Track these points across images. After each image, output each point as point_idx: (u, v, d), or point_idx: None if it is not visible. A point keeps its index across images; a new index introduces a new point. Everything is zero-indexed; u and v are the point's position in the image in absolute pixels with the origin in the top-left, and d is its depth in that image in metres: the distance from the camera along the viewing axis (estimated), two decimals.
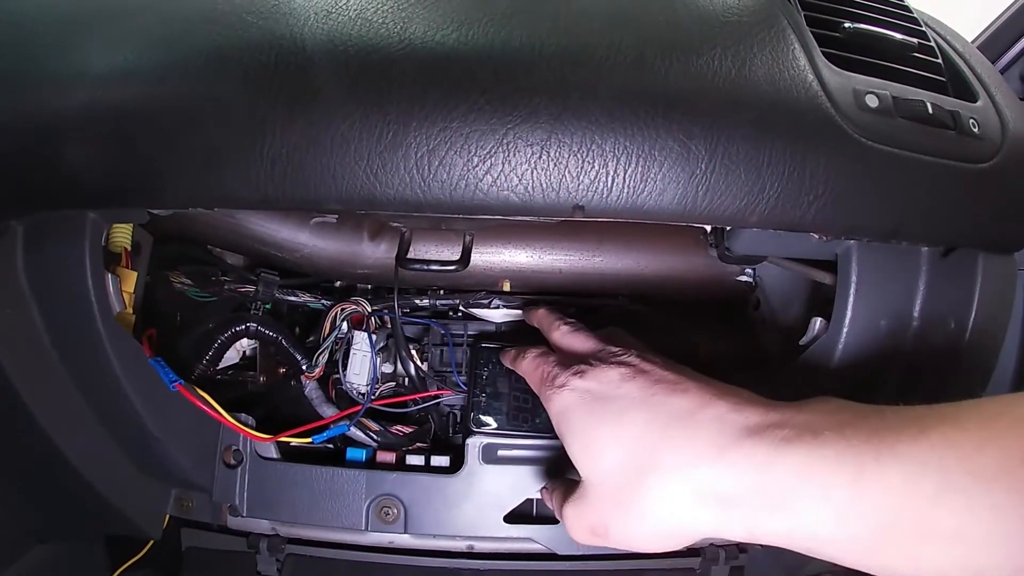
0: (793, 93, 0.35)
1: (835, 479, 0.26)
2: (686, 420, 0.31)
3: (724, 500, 0.29)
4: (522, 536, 0.46)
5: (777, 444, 0.28)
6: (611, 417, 0.33)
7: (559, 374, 0.36)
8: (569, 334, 0.41)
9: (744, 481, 0.28)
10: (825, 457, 0.26)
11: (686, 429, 0.31)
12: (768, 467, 0.28)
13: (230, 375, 0.52)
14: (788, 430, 0.28)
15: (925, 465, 0.24)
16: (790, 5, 0.41)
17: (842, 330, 0.41)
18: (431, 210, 0.33)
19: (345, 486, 0.46)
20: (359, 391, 0.49)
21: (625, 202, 0.33)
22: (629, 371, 0.35)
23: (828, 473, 0.26)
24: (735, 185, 0.34)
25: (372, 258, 0.50)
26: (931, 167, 0.37)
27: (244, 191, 0.33)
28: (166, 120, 0.34)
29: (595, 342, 0.39)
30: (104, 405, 0.45)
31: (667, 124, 0.33)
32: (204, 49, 0.34)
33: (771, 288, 0.52)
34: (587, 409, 0.34)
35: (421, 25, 0.34)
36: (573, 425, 0.34)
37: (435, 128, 0.32)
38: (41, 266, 0.41)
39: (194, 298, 0.51)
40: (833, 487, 0.26)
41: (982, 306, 0.41)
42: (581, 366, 0.36)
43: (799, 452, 0.27)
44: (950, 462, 0.24)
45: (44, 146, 0.35)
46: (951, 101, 0.40)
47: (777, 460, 0.27)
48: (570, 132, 0.32)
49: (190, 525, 0.51)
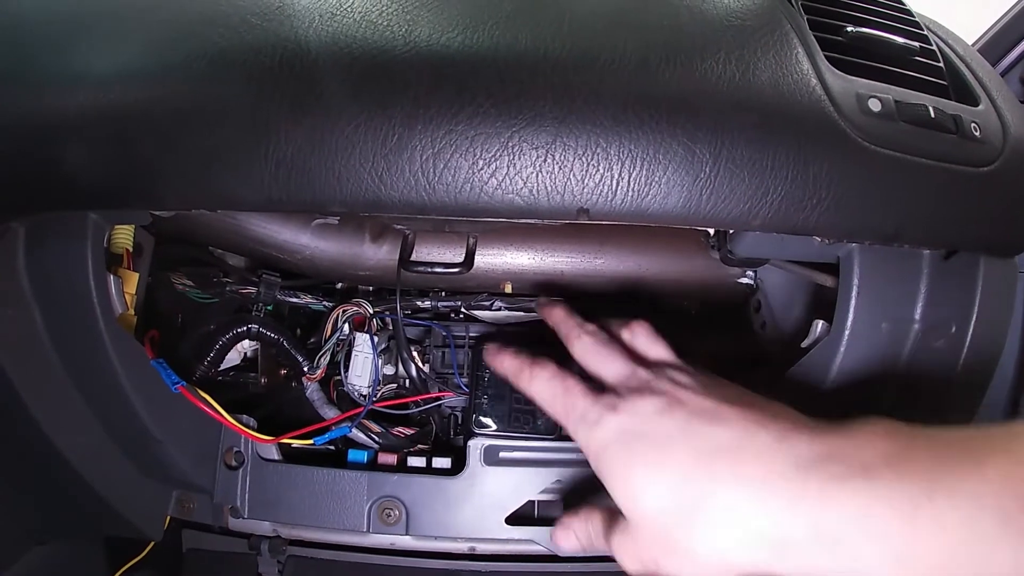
0: (796, 97, 0.35)
1: (892, 520, 0.25)
2: (731, 455, 0.30)
3: (777, 542, 0.28)
4: (524, 538, 0.46)
5: (829, 481, 0.27)
6: (651, 455, 0.31)
7: (588, 409, 0.34)
8: (592, 351, 0.38)
9: (797, 523, 0.27)
10: (880, 497, 0.26)
11: (732, 466, 0.29)
12: (822, 508, 0.27)
13: (231, 377, 0.52)
14: (839, 465, 0.27)
15: (982, 504, 0.23)
16: (793, 9, 0.41)
17: (844, 333, 0.41)
18: (436, 212, 0.33)
19: (346, 488, 0.46)
20: (361, 393, 0.49)
21: (629, 205, 0.33)
22: (663, 402, 0.33)
23: (884, 514, 0.25)
24: (739, 189, 0.34)
25: (374, 260, 0.50)
26: (933, 171, 0.37)
27: (248, 193, 0.33)
28: (169, 122, 0.34)
29: (621, 363, 0.36)
30: (105, 406, 0.45)
31: (671, 128, 0.33)
32: (207, 50, 0.34)
33: (773, 290, 0.52)
34: (625, 447, 0.32)
35: (426, 28, 0.34)
36: (612, 465, 0.32)
37: (440, 131, 0.32)
38: (42, 267, 0.41)
39: (195, 299, 0.51)
40: (890, 528, 0.25)
41: (983, 309, 0.41)
42: (611, 398, 0.34)
43: (853, 490, 0.26)
44: (1007, 501, 0.23)
45: (46, 147, 0.35)
46: (953, 105, 0.40)
47: (831, 499, 0.27)
48: (575, 136, 0.33)
49: (191, 526, 0.51)
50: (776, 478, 0.28)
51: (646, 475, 0.31)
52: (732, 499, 0.29)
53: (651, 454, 0.31)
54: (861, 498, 0.26)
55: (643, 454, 0.31)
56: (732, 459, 0.30)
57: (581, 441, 0.34)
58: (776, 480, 0.28)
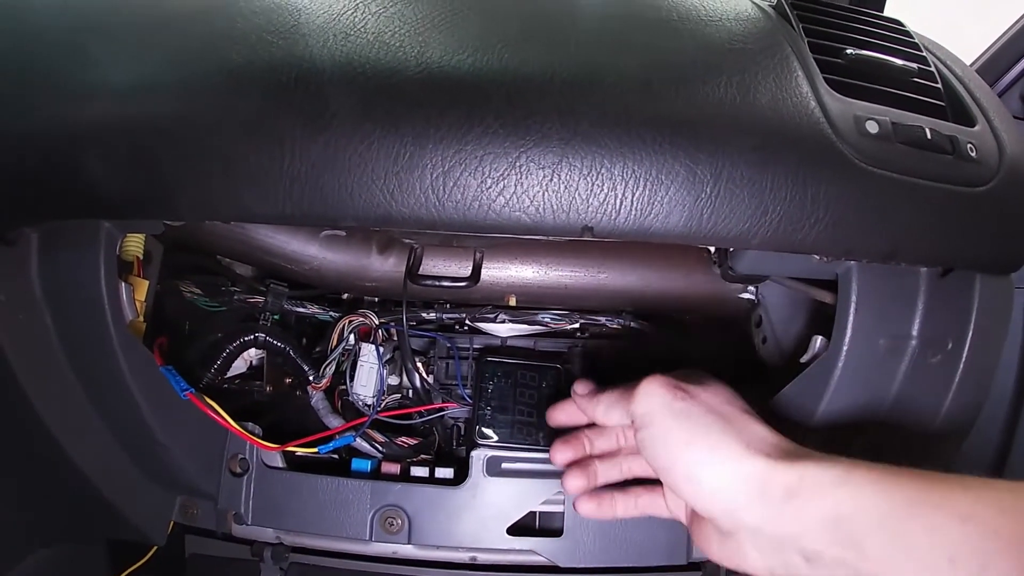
0: (796, 119, 0.36)
1: (878, 464, 0.29)
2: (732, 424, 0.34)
3: (784, 448, 0.32)
4: (525, 548, 0.47)
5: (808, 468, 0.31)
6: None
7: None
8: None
9: (775, 478, 0.31)
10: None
11: (767, 429, 0.35)
12: (800, 475, 0.31)
13: (237, 384, 0.53)
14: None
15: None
16: (794, 32, 0.42)
17: (842, 348, 0.41)
18: (445, 228, 0.34)
19: (350, 496, 0.46)
20: (365, 402, 0.50)
21: (633, 224, 0.34)
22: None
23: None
24: (739, 208, 0.35)
25: (380, 271, 0.51)
26: (929, 191, 0.37)
27: (262, 207, 0.34)
28: (186, 135, 0.34)
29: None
30: (113, 411, 0.45)
31: (673, 149, 0.34)
32: (224, 67, 0.35)
33: (773, 306, 0.53)
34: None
35: (437, 49, 0.35)
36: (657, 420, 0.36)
37: (450, 150, 0.33)
38: (55, 273, 0.42)
39: (203, 307, 0.52)
40: (876, 465, 0.29)
41: (979, 326, 0.42)
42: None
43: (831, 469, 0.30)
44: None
45: (65, 157, 0.36)
46: (949, 126, 0.41)
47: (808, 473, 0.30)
48: (580, 156, 0.33)
49: (194, 532, 0.52)
50: (769, 449, 0.32)
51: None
52: (730, 445, 0.33)
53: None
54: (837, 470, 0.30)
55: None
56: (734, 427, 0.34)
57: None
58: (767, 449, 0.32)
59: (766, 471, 0.31)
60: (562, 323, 0.53)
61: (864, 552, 0.27)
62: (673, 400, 0.35)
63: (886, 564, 0.27)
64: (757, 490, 0.31)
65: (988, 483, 0.27)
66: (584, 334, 0.56)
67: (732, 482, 0.32)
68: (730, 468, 0.32)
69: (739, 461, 0.32)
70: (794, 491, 0.30)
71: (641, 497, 0.41)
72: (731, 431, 0.33)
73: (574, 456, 0.43)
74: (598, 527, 0.47)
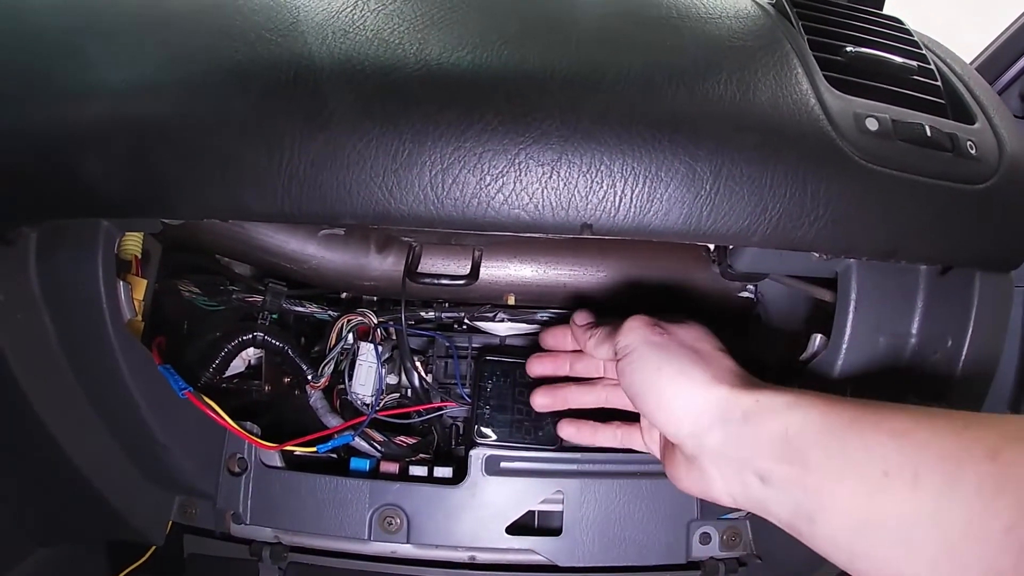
0: (796, 117, 0.36)
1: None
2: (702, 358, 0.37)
3: (743, 376, 0.35)
4: (524, 547, 0.47)
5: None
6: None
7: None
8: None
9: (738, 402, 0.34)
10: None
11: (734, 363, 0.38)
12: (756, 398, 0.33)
13: (235, 384, 0.53)
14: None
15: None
16: (794, 29, 0.42)
17: (841, 347, 0.41)
18: (444, 226, 0.34)
19: (348, 495, 0.46)
20: (364, 402, 0.50)
21: (632, 221, 0.34)
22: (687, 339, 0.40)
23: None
24: (738, 206, 0.35)
25: (379, 270, 0.51)
26: (929, 188, 0.37)
27: (261, 205, 0.34)
28: (184, 133, 0.34)
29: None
30: (111, 411, 0.45)
31: (673, 147, 0.34)
32: (223, 65, 0.35)
33: (772, 304, 0.53)
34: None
35: (437, 46, 0.35)
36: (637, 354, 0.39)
37: (449, 147, 0.33)
38: (53, 272, 0.41)
39: (202, 307, 0.52)
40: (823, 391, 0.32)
41: (979, 324, 0.42)
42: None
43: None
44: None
45: (62, 156, 0.36)
46: (949, 123, 0.41)
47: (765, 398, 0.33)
48: (580, 153, 0.33)
49: (193, 532, 0.52)
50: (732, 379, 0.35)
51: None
52: (697, 374, 0.35)
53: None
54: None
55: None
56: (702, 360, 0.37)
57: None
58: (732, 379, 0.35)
59: (727, 397, 0.34)
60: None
61: (808, 467, 0.30)
62: (651, 334, 0.38)
63: (827, 477, 0.29)
64: (719, 414, 0.34)
65: (926, 409, 0.29)
66: None
67: (697, 407, 0.35)
68: (696, 394, 0.35)
69: (705, 388, 0.35)
70: (750, 414, 0.32)
71: (619, 429, 0.44)
72: (700, 363, 0.36)
73: (552, 370, 0.46)
74: (597, 527, 0.47)
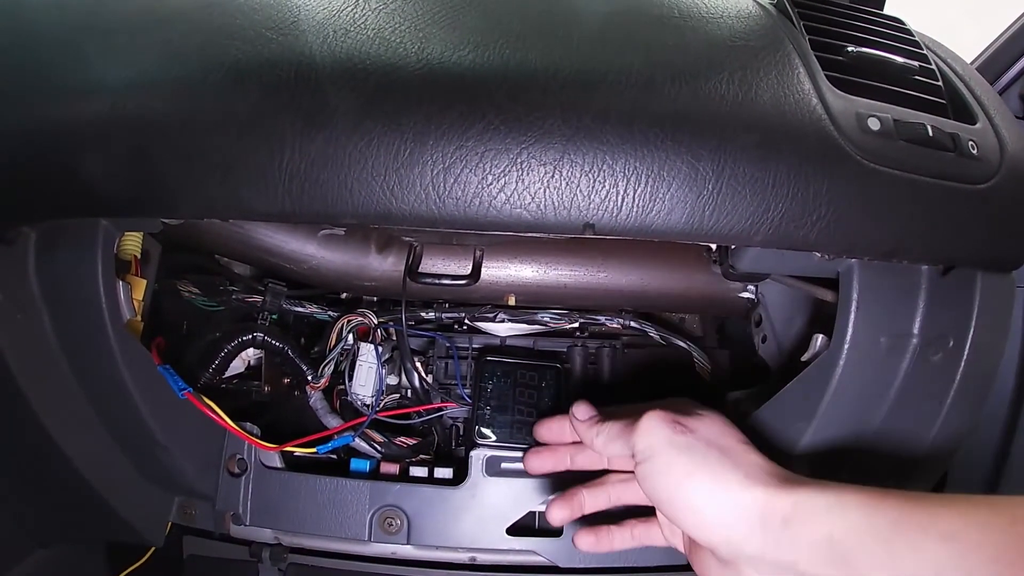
0: (797, 117, 0.36)
1: (864, 487, 0.31)
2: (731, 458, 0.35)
3: (782, 475, 0.33)
4: (524, 548, 0.46)
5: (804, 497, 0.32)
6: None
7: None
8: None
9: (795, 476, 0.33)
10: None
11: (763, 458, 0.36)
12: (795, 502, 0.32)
13: (235, 384, 0.53)
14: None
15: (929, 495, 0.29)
16: (795, 29, 0.42)
17: (843, 347, 0.41)
18: (445, 226, 0.34)
19: (349, 496, 0.46)
20: (364, 402, 0.50)
21: (634, 221, 0.34)
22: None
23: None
24: (740, 205, 0.34)
25: (379, 271, 0.51)
26: (931, 188, 0.37)
27: (261, 204, 0.33)
28: (185, 132, 0.34)
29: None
30: (110, 411, 0.45)
31: (675, 146, 0.34)
32: (224, 63, 0.35)
33: (773, 305, 0.53)
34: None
35: (438, 45, 0.35)
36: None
37: (451, 146, 0.33)
38: (53, 272, 0.41)
39: (201, 307, 0.51)
40: (863, 488, 0.31)
41: (980, 324, 0.42)
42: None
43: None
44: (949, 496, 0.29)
45: (62, 155, 0.36)
46: (951, 123, 0.41)
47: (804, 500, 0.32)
48: (582, 153, 0.33)
49: (192, 533, 0.51)
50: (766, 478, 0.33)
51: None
52: (729, 476, 0.34)
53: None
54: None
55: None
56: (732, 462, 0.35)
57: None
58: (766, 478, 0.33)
59: (764, 500, 0.32)
60: (562, 322, 0.53)
61: (855, 572, 0.29)
62: (674, 434, 0.36)
63: None
64: (757, 519, 0.32)
65: (969, 500, 0.28)
66: (584, 333, 0.56)
67: (732, 512, 0.33)
68: (731, 499, 0.33)
69: (739, 492, 0.33)
70: (789, 519, 0.31)
71: (636, 528, 0.42)
72: (729, 463, 0.34)
73: (552, 466, 0.44)
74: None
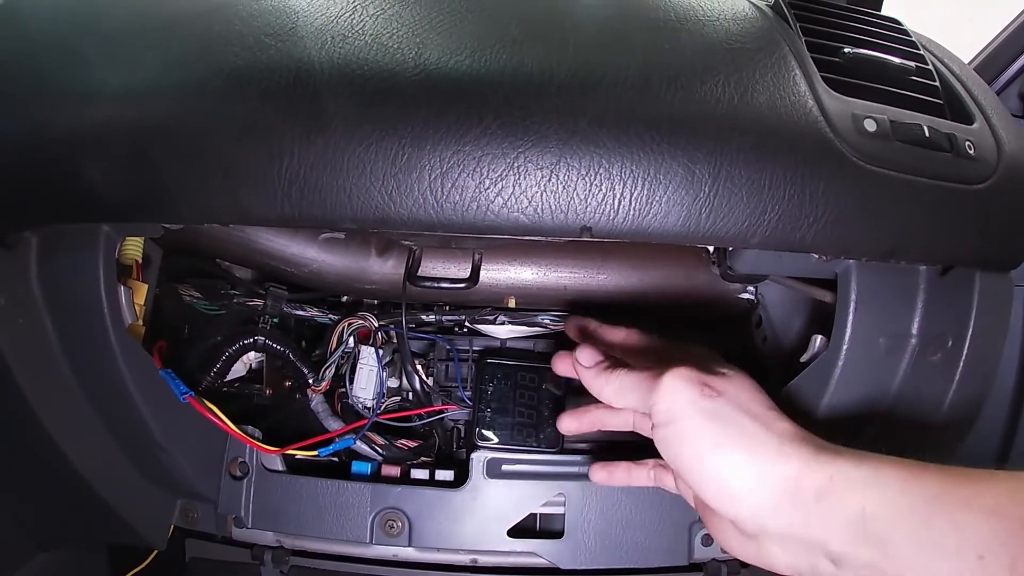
0: (793, 118, 0.36)
1: (903, 459, 0.29)
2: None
3: (818, 443, 0.31)
4: (526, 550, 0.47)
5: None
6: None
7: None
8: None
9: (811, 477, 0.30)
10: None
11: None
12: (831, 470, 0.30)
13: (236, 388, 0.53)
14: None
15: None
16: (791, 31, 0.42)
17: (842, 347, 0.41)
18: (443, 229, 0.34)
19: (350, 499, 0.46)
20: (365, 405, 0.50)
21: (631, 224, 0.34)
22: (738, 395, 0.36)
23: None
24: (737, 207, 0.35)
25: (379, 274, 0.51)
26: (928, 189, 0.37)
27: (261, 209, 0.34)
28: (185, 138, 0.34)
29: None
30: (112, 415, 0.45)
31: (672, 149, 0.34)
32: (223, 69, 0.35)
33: (773, 306, 0.53)
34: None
35: (435, 51, 0.35)
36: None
37: (448, 151, 0.33)
38: (54, 277, 0.42)
39: (203, 311, 0.52)
40: (901, 460, 0.29)
41: (979, 324, 0.42)
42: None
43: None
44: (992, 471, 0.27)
45: (63, 161, 0.36)
46: (948, 124, 0.41)
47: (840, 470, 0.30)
48: (578, 156, 0.33)
49: (194, 536, 0.52)
50: (800, 449, 0.31)
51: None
52: (761, 448, 0.31)
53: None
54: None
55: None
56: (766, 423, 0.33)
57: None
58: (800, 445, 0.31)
59: (798, 473, 0.30)
60: (561, 324, 0.53)
61: (890, 551, 0.27)
62: (700, 398, 0.33)
63: (913, 563, 0.26)
64: (788, 493, 0.30)
65: (1014, 475, 0.26)
66: None
67: (762, 486, 0.30)
68: (762, 472, 0.31)
69: (772, 465, 0.31)
70: (823, 493, 0.29)
71: (655, 470, 0.40)
72: (763, 432, 0.32)
73: (580, 431, 0.43)
74: (599, 529, 0.47)
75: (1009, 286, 0.44)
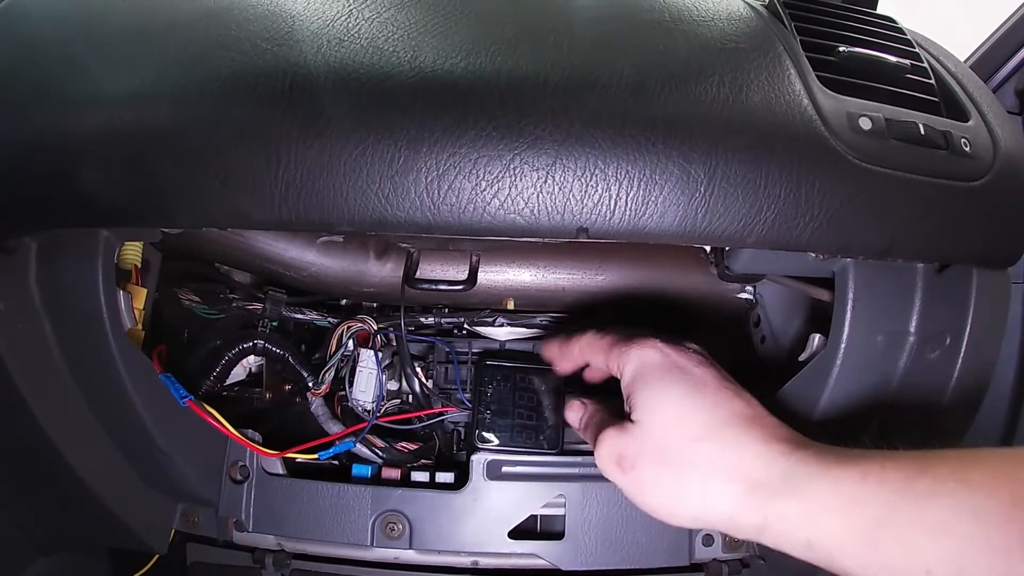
0: (789, 118, 0.36)
1: (846, 474, 0.30)
2: (745, 422, 0.35)
3: (752, 482, 0.32)
4: (526, 552, 0.47)
5: (808, 455, 0.32)
6: (687, 384, 0.36)
7: (640, 338, 0.39)
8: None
9: (773, 470, 0.32)
10: (840, 461, 0.30)
11: (743, 427, 0.34)
12: (795, 461, 0.32)
13: (236, 392, 0.53)
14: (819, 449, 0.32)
15: (922, 470, 0.28)
16: (786, 31, 0.42)
17: (840, 346, 0.41)
18: (440, 232, 0.34)
19: (351, 502, 0.46)
20: (365, 408, 0.50)
21: (627, 224, 0.34)
22: (705, 360, 0.38)
23: (841, 470, 0.30)
24: (733, 207, 0.35)
25: (378, 277, 0.51)
26: (924, 186, 0.37)
27: (259, 213, 0.34)
28: (182, 143, 0.34)
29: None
30: (113, 419, 0.45)
31: (667, 149, 0.34)
32: (220, 74, 0.35)
33: (771, 305, 0.53)
34: (667, 369, 0.37)
35: (430, 53, 0.35)
36: (650, 376, 0.37)
37: (444, 153, 0.33)
38: (54, 282, 0.42)
39: (202, 315, 0.52)
40: (843, 480, 0.29)
41: (977, 321, 0.42)
42: (658, 342, 0.38)
43: (821, 455, 0.31)
44: (943, 471, 0.27)
45: (63, 166, 0.36)
46: (943, 121, 0.41)
47: (803, 459, 0.31)
48: (574, 157, 0.34)
49: (196, 540, 0.52)
50: (772, 444, 0.33)
51: (676, 395, 0.36)
52: (733, 444, 0.34)
53: (687, 384, 0.36)
54: (825, 458, 0.31)
55: (680, 381, 0.36)
56: (745, 425, 0.34)
57: (625, 357, 0.38)
58: (771, 445, 0.33)
59: (734, 511, 0.32)
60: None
61: (841, 567, 0.29)
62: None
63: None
64: (730, 527, 0.33)
65: (962, 485, 0.27)
66: None
67: (704, 514, 0.34)
68: (707, 505, 0.33)
69: (716, 500, 0.33)
70: (762, 529, 0.31)
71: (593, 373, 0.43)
72: (718, 458, 0.34)
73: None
74: (600, 530, 0.47)
75: (1006, 283, 0.44)
